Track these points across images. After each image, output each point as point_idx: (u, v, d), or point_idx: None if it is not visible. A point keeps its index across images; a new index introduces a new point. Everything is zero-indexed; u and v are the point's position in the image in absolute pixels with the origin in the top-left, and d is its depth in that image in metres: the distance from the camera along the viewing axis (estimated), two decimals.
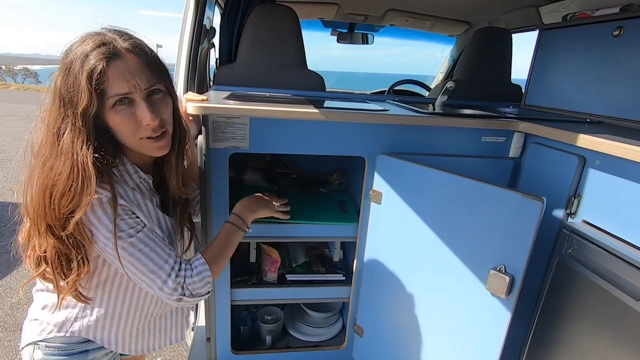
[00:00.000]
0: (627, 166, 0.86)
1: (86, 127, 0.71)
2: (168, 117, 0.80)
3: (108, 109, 0.72)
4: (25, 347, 0.87)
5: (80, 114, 0.69)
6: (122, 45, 0.72)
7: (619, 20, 1.23)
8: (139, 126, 0.75)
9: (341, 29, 2.63)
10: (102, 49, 0.69)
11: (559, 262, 1.02)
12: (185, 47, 1.43)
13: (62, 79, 0.70)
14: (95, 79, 0.68)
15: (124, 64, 0.71)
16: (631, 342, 0.82)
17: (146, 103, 0.74)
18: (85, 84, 0.68)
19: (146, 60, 0.75)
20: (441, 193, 1.00)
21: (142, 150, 0.79)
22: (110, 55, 0.70)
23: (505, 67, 1.84)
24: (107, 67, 0.69)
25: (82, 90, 0.68)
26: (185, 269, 0.83)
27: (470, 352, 1.00)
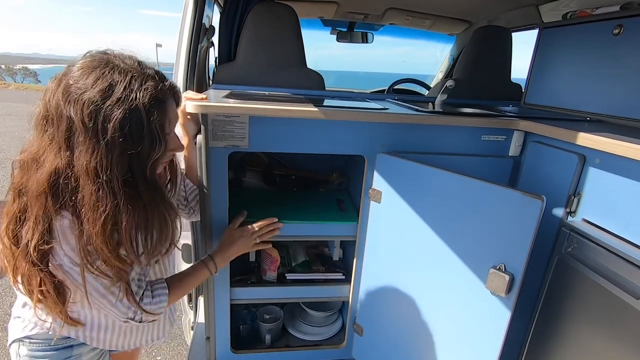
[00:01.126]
0: (627, 164, 0.86)
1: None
2: None
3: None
4: (12, 345, 0.89)
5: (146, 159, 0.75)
6: (164, 87, 0.77)
7: (619, 19, 1.23)
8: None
9: (341, 28, 2.63)
10: (160, 93, 0.75)
11: (558, 261, 1.02)
12: (185, 46, 1.43)
13: (122, 117, 0.69)
14: (166, 128, 0.77)
15: (172, 109, 0.81)
16: (631, 340, 0.82)
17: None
18: (158, 132, 0.74)
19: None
20: (441, 192, 1.00)
21: None
22: (166, 99, 0.77)
23: (505, 65, 1.84)
24: (169, 112, 0.78)
25: (155, 139, 0.74)
26: (144, 296, 0.86)
27: (470, 350, 1.00)
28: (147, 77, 0.73)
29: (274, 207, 1.35)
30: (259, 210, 1.29)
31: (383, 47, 8.92)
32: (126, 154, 0.70)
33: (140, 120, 0.70)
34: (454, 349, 1.04)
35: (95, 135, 0.68)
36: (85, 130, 0.68)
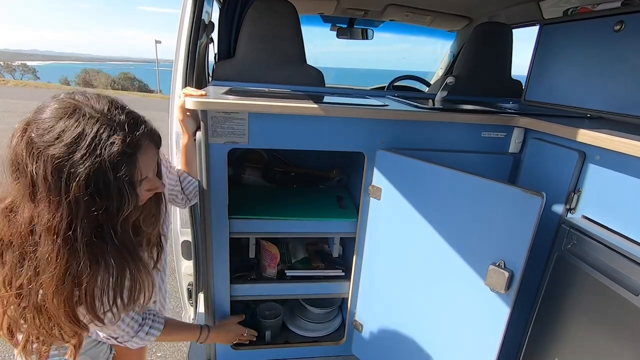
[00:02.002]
0: (627, 161, 0.85)
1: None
2: None
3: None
4: None
5: (118, 217, 0.70)
6: (140, 133, 0.71)
7: (620, 15, 1.22)
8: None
9: (341, 24, 2.61)
10: (129, 146, 0.68)
11: (558, 258, 1.02)
12: (184, 43, 1.42)
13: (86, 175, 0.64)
14: (135, 182, 0.72)
15: (147, 157, 0.74)
16: (630, 336, 0.82)
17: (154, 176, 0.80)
18: (126, 188, 0.69)
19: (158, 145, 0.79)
20: (441, 188, 1.00)
21: None
22: (137, 150, 0.70)
23: (505, 62, 1.83)
24: (140, 165, 0.72)
25: (123, 195, 0.69)
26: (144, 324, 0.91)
27: (470, 347, 1.00)
28: (116, 126, 0.67)
29: (274, 204, 1.35)
30: (259, 206, 1.29)
31: (383, 43, 8.91)
32: (92, 212, 0.66)
33: (107, 178, 0.65)
34: (453, 345, 1.05)
35: (58, 193, 0.64)
36: (47, 187, 0.64)
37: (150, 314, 0.94)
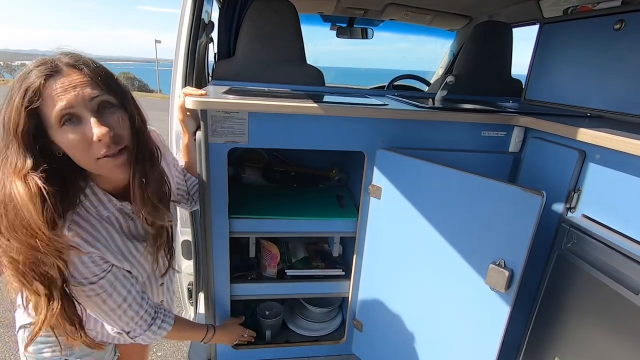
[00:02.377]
0: (628, 160, 0.85)
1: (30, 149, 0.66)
2: (124, 132, 0.73)
3: (56, 130, 0.68)
4: (18, 331, 0.91)
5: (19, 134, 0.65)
6: (62, 61, 0.69)
7: (620, 14, 1.22)
8: (91, 144, 0.69)
9: (340, 24, 2.61)
10: (41, 67, 0.66)
11: (558, 257, 1.02)
12: (184, 42, 1.42)
13: (4, 107, 0.67)
14: (28, 96, 0.64)
15: (64, 78, 0.67)
16: (630, 335, 0.82)
17: (94, 117, 0.69)
18: (19, 102, 0.64)
19: (90, 73, 0.70)
20: (441, 188, 1.00)
21: (103, 172, 0.74)
22: (49, 72, 0.66)
23: (505, 61, 1.83)
24: (44, 83, 0.65)
25: (16, 109, 0.65)
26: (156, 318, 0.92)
27: (470, 346, 1.00)
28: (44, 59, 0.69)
29: (274, 203, 1.35)
30: (259, 206, 1.29)
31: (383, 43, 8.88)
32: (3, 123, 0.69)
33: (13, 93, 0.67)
34: (453, 344, 1.05)
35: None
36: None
37: (161, 309, 0.94)
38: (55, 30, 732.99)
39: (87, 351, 0.91)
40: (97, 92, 0.69)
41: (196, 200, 1.15)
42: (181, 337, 1.06)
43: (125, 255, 0.84)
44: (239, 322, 1.28)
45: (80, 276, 0.75)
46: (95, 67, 0.71)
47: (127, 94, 0.77)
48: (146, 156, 0.79)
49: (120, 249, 0.82)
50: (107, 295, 0.79)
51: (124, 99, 0.75)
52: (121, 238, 0.83)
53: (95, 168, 0.73)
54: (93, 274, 0.76)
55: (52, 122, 0.67)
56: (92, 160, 0.71)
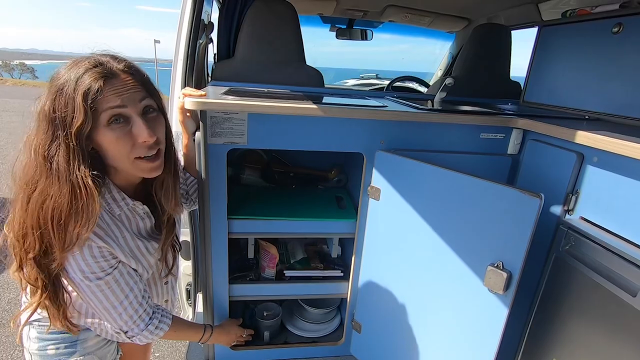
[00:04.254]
0: (625, 163, 0.86)
1: (81, 147, 0.71)
2: (162, 136, 0.80)
3: (103, 128, 0.72)
4: (23, 328, 0.91)
5: (74, 133, 0.69)
6: (116, 66, 0.73)
7: (618, 17, 1.23)
8: (135, 144, 0.74)
9: (340, 25, 2.62)
10: (98, 69, 0.70)
11: (556, 259, 1.02)
12: (183, 43, 1.42)
13: (52, 102, 0.70)
14: (91, 97, 0.68)
15: (119, 82, 0.72)
16: (627, 337, 0.83)
17: (142, 120, 0.74)
18: (81, 102, 0.67)
19: (140, 79, 0.76)
20: (439, 189, 1.00)
21: (135, 172, 0.79)
22: (106, 74, 0.71)
23: (504, 63, 1.83)
24: (103, 85, 0.69)
25: (77, 108, 0.68)
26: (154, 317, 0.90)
27: (468, 347, 1.00)
28: (96, 60, 0.73)
29: (273, 204, 1.35)
30: (258, 207, 1.29)
31: (382, 44, 8.97)
32: (54, 125, 0.71)
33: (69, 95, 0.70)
34: (451, 345, 1.05)
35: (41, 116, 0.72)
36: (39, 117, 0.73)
37: (159, 309, 0.94)
38: (54, 30, 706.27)
39: (90, 349, 0.92)
40: (144, 96, 0.76)
41: (195, 200, 1.15)
42: (179, 337, 1.05)
43: (134, 253, 0.85)
44: (237, 324, 1.28)
45: (89, 270, 0.77)
46: (142, 73, 0.78)
47: (162, 99, 0.83)
48: (171, 156, 0.87)
49: (130, 246, 0.84)
50: (111, 292, 0.81)
51: (161, 103, 0.82)
52: (131, 236, 0.85)
53: (129, 167, 0.77)
54: (101, 269, 0.78)
55: (101, 120, 0.71)
56: (129, 159, 0.76)
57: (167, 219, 0.93)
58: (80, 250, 0.74)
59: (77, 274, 0.77)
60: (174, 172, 0.89)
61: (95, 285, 0.78)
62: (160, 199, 0.88)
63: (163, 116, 0.82)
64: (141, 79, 0.77)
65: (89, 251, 0.76)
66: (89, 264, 0.76)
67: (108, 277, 0.79)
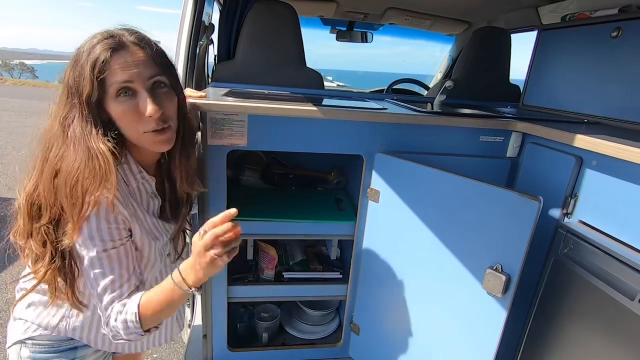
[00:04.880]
0: (624, 167, 0.86)
1: (92, 115, 0.72)
2: (172, 112, 0.80)
3: (111, 100, 0.73)
4: (12, 346, 0.87)
5: (85, 102, 0.71)
6: (127, 38, 0.74)
7: (617, 22, 1.23)
8: (141, 118, 0.75)
9: (340, 27, 2.62)
10: (109, 41, 0.72)
11: (555, 262, 1.02)
12: (184, 44, 1.42)
13: (69, 71, 0.73)
14: (98, 67, 0.70)
15: (128, 54, 0.73)
16: (626, 341, 0.83)
17: (149, 94, 0.74)
18: (89, 72, 0.70)
19: (151, 53, 0.76)
20: (439, 192, 1.00)
21: (145, 145, 0.79)
22: (115, 46, 0.72)
23: (503, 67, 1.84)
24: (110, 56, 0.71)
25: (85, 78, 0.70)
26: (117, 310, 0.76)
27: (466, 350, 1.00)
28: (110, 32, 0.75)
29: (272, 205, 1.35)
30: (257, 208, 1.29)
31: (382, 46, 8.91)
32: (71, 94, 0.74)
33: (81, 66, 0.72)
34: (450, 348, 1.05)
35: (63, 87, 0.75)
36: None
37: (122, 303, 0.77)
38: (54, 29, 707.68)
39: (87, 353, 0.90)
40: (154, 72, 0.75)
41: (195, 201, 1.15)
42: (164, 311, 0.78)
43: (149, 228, 0.84)
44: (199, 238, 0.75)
45: (99, 238, 0.74)
46: (156, 48, 0.78)
47: (177, 75, 0.83)
48: (187, 135, 0.87)
49: (143, 220, 0.83)
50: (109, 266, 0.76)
51: (176, 81, 0.82)
52: (141, 210, 0.84)
53: (138, 140, 0.78)
54: (111, 239, 0.75)
55: (110, 92, 0.72)
56: (138, 132, 0.76)
57: (183, 199, 0.93)
58: (97, 214, 0.72)
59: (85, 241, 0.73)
60: (189, 149, 0.88)
61: (97, 258, 0.74)
62: (174, 176, 0.88)
63: (175, 92, 0.81)
64: (152, 53, 0.76)
65: (104, 214, 0.73)
66: (101, 229, 0.73)
67: (112, 251, 0.75)
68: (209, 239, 0.71)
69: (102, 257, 0.75)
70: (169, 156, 0.87)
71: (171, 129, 0.80)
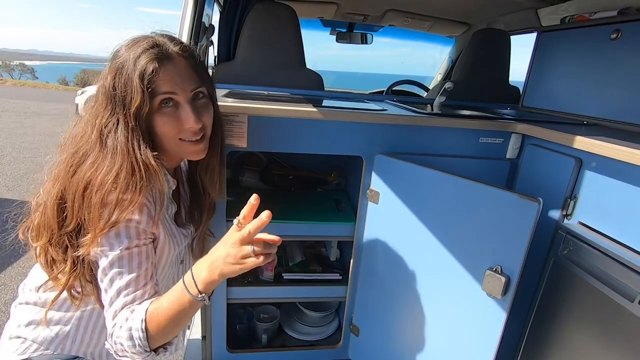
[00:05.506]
0: (623, 168, 0.86)
1: (140, 127, 0.72)
2: (209, 123, 0.82)
3: (154, 109, 0.74)
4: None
5: (133, 113, 0.71)
6: (172, 49, 0.75)
7: (616, 24, 1.23)
8: (181, 129, 0.76)
9: (340, 29, 2.63)
10: (155, 50, 0.72)
11: (554, 263, 1.02)
12: None
13: (112, 79, 0.72)
14: (147, 79, 0.70)
15: (173, 66, 0.74)
16: (625, 342, 0.83)
17: (190, 106, 0.75)
18: (139, 84, 0.69)
19: (194, 64, 0.77)
20: (438, 193, 1.00)
21: (180, 152, 0.81)
22: (162, 57, 0.72)
23: (503, 68, 1.84)
24: (158, 67, 0.71)
25: (135, 89, 0.70)
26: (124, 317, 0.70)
27: (466, 351, 1.00)
28: (153, 41, 0.75)
29: (272, 207, 1.34)
30: (257, 210, 1.29)
31: (382, 47, 8.88)
32: (112, 102, 0.74)
33: (128, 75, 0.72)
34: (449, 350, 1.05)
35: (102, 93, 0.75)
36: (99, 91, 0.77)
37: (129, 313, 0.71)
38: (54, 30, 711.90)
39: None
40: (197, 84, 0.77)
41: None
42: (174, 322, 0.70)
43: (172, 231, 0.85)
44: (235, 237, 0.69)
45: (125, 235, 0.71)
46: (196, 58, 0.79)
47: (214, 86, 0.85)
48: (219, 142, 0.89)
49: (166, 222, 0.84)
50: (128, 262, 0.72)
51: (213, 91, 0.83)
52: (166, 214, 0.84)
53: (175, 147, 0.79)
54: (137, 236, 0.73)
55: (154, 102, 0.73)
56: (176, 140, 0.78)
57: (205, 205, 0.94)
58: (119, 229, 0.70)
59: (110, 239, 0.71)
60: (220, 157, 0.91)
61: (117, 256, 0.71)
62: (205, 182, 0.90)
63: (212, 102, 0.83)
64: (195, 64, 0.77)
65: (137, 214, 0.71)
66: (129, 227, 0.72)
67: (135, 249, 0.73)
68: (253, 230, 0.66)
69: (123, 256, 0.71)
70: (202, 162, 0.88)
71: (206, 138, 0.82)
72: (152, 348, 0.70)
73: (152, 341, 0.69)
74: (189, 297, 0.68)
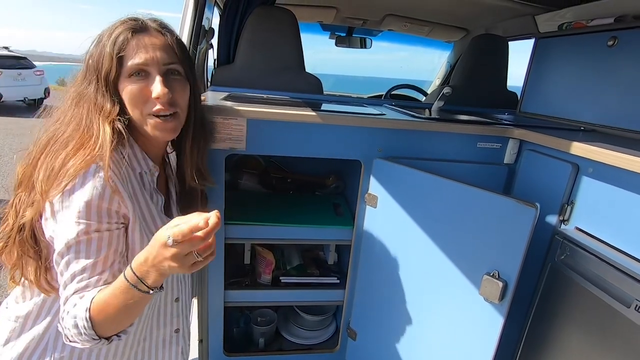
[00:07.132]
0: (620, 174, 0.87)
1: (109, 92, 0.74)
2: (181, 100, 0.79)
3: (124, 79, 0.74)
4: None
5: (102, 77, 0.73)
6: (150, 24, 0.77)
7: (613, 31, 1.25)
8: (149, 99, 0.75)
9: (340, 33, 2.64)
10: (131, 22, 0.75)
11: (551, 269, 1.03)
12: None
13: (92, 49, 0.75)
14: (117, 45, 0.72)
15: (148, 37, 0.75)
16: (621, 348, 0.83)
17: (161, 78, 0.75)
18: (109, 49, 0.72)
19: (170, 40, 0.78)
20: (436, 198, 1.01)
21: (147, 130, 0.77)
22: (137, 28, 0.74)
23: (501, 74, 1.85)
24: (131, 37, 0.73)
25: (105, 55, 0.72)
26: (73, 303, 0.67)
27: (463, 356, 1.00)
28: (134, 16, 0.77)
29: (270, 210, 1.35)
30: (255, 212, 1.29)
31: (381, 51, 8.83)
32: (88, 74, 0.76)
33: (102, 44, 0.74)
34: (447, 354, 1.05)
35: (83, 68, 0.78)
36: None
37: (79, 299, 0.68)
38: (53, 31, 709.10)
39: None
40: (171, 59, 0.77)
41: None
42: (119, 314, 0.66)
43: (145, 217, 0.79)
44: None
45: (84, 216, 0.67)
46: (176, 37, 0.80)
47: (194, 68, 0.84)
48: (198, 129, 0.87)
49: (140, 203, 0.78)
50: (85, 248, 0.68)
51: (191, 73, 0.82)
52: (143, 195, 0.80)
53: (142, 122, 0.77)
54: (98, 220, 0.68)
55: (124, 71, 0.74)
56: (143, 114, 0.76)
57: (197, 195, 0.93)
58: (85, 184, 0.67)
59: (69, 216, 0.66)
60: (200, 143, 0.88)
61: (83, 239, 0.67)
62: (185, 170, 0.88)
63: (188, 83, 0.81)
64: (172, 40, 0.78)
65: (100, 189, 0.67)
66: (91, 205, 0.67)
67: (97, 234, 0.68)
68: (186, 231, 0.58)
69: (81, 241, 0.67)
70: (179, 150, 0.88)
71: (177, 118, 0.79)
72: (104, 336, 0.67)
73: (101, 329, 0.66)
74: (126, 283, 0.63)
